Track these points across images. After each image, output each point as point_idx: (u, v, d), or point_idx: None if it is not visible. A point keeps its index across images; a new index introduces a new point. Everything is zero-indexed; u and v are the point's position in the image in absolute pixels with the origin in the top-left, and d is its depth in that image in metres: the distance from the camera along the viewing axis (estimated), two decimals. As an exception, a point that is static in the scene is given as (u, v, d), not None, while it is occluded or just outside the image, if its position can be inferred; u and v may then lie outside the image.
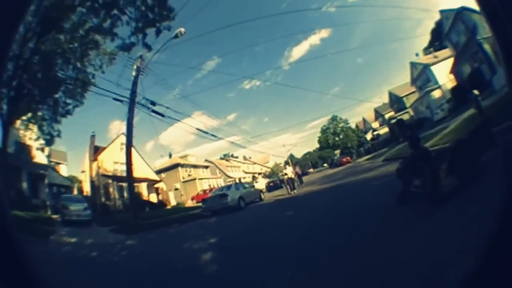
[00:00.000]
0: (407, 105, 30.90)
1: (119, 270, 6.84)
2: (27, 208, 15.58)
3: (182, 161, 36.09)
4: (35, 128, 18.31)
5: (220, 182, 38.00)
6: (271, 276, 4.25)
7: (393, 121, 27.61)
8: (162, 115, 20.56)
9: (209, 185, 33.37)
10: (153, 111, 20.21)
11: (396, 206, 6.07)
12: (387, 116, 33.69)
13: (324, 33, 68.38)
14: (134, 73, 19.82)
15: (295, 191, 19.20)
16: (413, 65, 30.09)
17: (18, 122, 17.93)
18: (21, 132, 18.82)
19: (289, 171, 21.33)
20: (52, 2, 15.21)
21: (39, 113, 18.19)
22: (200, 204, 20.20)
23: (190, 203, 29.57)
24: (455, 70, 24.43)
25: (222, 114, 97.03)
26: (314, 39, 74.42)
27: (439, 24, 28.89)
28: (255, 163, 53.94)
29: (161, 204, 28.31)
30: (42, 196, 19.01)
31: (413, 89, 30.43)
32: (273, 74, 67.19)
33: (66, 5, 15.37)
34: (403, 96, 31.32)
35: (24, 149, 19.36)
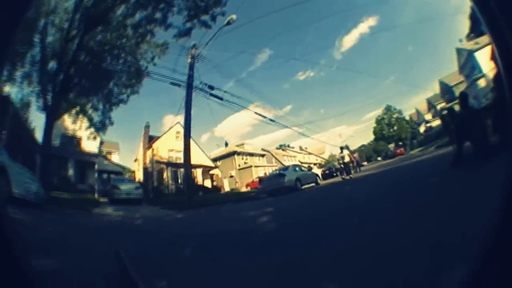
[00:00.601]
0: (457, 95, 29.29)
1: (164, 235, 7.05)
2: (72, 192, 15.93)
3: (238, 149, 36.02)
4: (84, 119, 18.33)
5: (276, 171, 37.34)
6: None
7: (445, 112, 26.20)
8: (221, 99, 20.58)
9: (265, 173, 32.90)
10: (211, 95, 20.25)
11: (450, 169, 6.47)
12: (438, 107, 32.00)
13: (371, 20, 66.69)
14: (189, 61, 19.78)
15: (351, 175, 18.63)
16: (458, 51, 28.24)
17: (66, 114, 18.04)
18: (69, 123, 18.96)
19: (346, 155, 20.50)
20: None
21: (90, 104, 18.26)
22: (254, 192, 20.08)
23: (244, 190, 29.15)
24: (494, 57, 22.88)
25: (278, 105, 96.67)
26: (363, 27, 72.80)
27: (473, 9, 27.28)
28: (310, 153, 53.22)
29: (215, 189, 28.08)
30: (90, 182, 19.15)
31: (462, 78, 28.71)
32: (326, 65, 66.22)
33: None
34: (453, 86, 29.52)
35: (71, 140, 19.60)
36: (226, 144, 37.00)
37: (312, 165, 46.12)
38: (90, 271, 3.65)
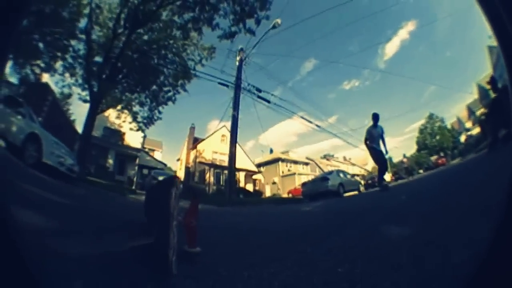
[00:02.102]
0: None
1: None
2: (108, 180, 16.12)
3: (283, 156, 35.94)
4: (129, 114, 18.63)
5: (319, 180, 36.99)
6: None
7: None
8: (268, 101, 20.57)
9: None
10: (259, 97, 20.28)
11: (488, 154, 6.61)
12: (478, 113, 30.72)
13: (410, 25, 65.64)
14: (237, 63, 19.91)
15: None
16: (490, 49, 26.88)
17: (110, 108, 18.39)
18: (113, 117, 19.33)
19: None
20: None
21: (136, 100, 18.50)
22: (296, 198, 19.81)
23: (285, 196, 28.89)
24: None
25: (324, 115, 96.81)
26: (403, 33, 71.66)
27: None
28: (354, 164, 52.87)
29: (257, 194, 27.93)
30: (129, 175, 19.39)
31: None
32: (370, 74, 65.42)
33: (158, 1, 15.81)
34: (489, 89, 28.08)
35: (114, 133, 19.95)
36: (271, 151, 37.02)
37: (355, 176, 45.42)
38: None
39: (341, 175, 18.39)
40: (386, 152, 12.24)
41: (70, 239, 3.25)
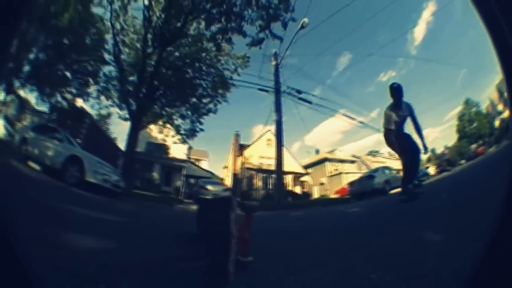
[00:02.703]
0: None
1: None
2: (155, 192, 16.46)
3: (329, 156, 35.47)
4: (172, 128, 18.87)
5: (366, 178, 36.30)
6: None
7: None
8: (310, 102, 20.45)
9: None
10: (300, 99, 20.23)
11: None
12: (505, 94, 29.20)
13: (431, 6, 63.07)
14: (273, 68, 19.95)
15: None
16: None
17: (152, 124, 18.67)
18: (156, 132, 19.61)
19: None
20: (168, 17, 16.05)
21: (177, 114, 18.73)
22: (344, 198, 19.63)
23: (333, 197, 28.59)
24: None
25: (366, 109, 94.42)
26: (426, 15, 69.00)
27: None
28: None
29: (304, 196, 27.75)
30: (176, 185, 19.65)
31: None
32: (404, 63, 63.37)
33: (183, 17, 16.07)
34: None
35: (158, 147, 20.32)
36: (317, 152, 36.67)
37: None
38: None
39: (387, 171, 17.97)
40: (424, 144, 8.76)
41: (122, 252, 3.45)
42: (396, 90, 8.64)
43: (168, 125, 19.26)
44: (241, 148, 26.71)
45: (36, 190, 6.26)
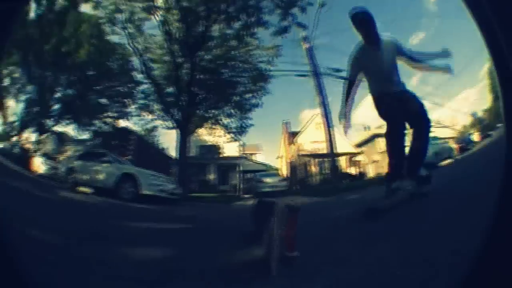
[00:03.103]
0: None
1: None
2: (213, 192, 17.05)
3: (379, 131, 34.50)
4: (220, 128, 18.96)
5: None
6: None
7: None
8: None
9: (407, 154, 31.10)
10: (340, 77, 19.86)
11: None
12: None
13: None
14: (306, 52, 19.67)
15: None
16: None
17: (200, 128, 18.83)
18: (205, 134, 19.76)
19: None
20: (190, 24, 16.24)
21: (223, 114, 18.81)
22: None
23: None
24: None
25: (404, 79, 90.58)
26: None
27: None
28: (444, 126, 49.30)
29: (360, 176, 27.37)
30: (233, 182, 19.76)
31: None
32: (429, 22, 59.86)
33: (202, 22, 16.23)
34: None
35: (210, 148, 20.49)
36: (367, 128, 35.68)
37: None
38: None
39: (434, 142, 17.49)
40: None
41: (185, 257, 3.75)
42: (361, 21, 5.84)
43: (217, 126, 19.20)
44: (292, 135, 26.53)
45: (96, 212, 6.61)
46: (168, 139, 17.38)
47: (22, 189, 7.34)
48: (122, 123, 17.14)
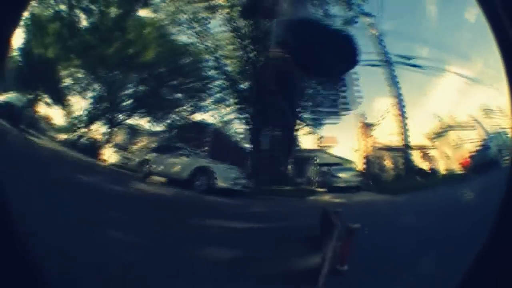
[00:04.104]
0: None
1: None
2: (288, 186, 16.04)
3: (450, 123, 33.21)
4: (296, 121, 18.87)
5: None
6: None
7: None
8: (420, 67, 19.37)
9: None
10: (411, 65, 19.25)
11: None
12: None
13: None
14: (375, 41, 19.17)
15: None
16: None
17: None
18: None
19: None
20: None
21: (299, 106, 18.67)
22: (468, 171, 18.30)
23: (459, 169, 26.75)
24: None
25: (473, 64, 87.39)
26: None
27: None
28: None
29: (432, 172, 26.29)
30: (308, 176, 19.53)
31: None
32: None
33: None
34: None
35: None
36: (439, 119, 34.46)
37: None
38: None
39: (499, 137, 16.68)
40: None
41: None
42: None
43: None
44: (368, 127, 25.97)
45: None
46: (243, 132, 17.43)
47: (91, 180, 7.61)
48: (198, 116, 16.58)
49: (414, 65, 18.34)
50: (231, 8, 16.14)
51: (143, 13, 15.70)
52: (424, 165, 23.50)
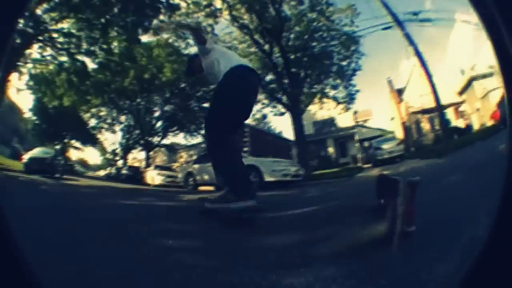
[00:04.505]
0: None
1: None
2: (334, 167, 16.88)
3: (473, 73, 32.19)
4: (329, 100, 19.19)
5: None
6: None
7: None
8: (430, 20, 18.95)
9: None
10: (421, 20, 18.88)
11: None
12: None
13: None
14: (380, 4, 18.93)
15: None
16: None
17: (309, 105, 19.07)
18: (316, 110, 19.65)
19: None
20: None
21: (328, 86, 18.87)
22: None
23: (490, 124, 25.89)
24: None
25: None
26: None
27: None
28: None
29: (467, 128, 25.59)
30: (352, 153, 19.38)
31: None
32: None
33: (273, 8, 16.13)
34: None
35: (324, 123, 20.30)
36: (462, 73, 33.28)
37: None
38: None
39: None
40: None
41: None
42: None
43: (325, 99, 19.10)
44: (398, 93, 25.56)
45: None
46: (281, 123, 17.39)
47: (141, 203, 7.69)
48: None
49: (423, 20, 17.85)
50: (231, 8, 16.20)
51: (145, 38, 16.41)
52: (459, 122, 22.88)
